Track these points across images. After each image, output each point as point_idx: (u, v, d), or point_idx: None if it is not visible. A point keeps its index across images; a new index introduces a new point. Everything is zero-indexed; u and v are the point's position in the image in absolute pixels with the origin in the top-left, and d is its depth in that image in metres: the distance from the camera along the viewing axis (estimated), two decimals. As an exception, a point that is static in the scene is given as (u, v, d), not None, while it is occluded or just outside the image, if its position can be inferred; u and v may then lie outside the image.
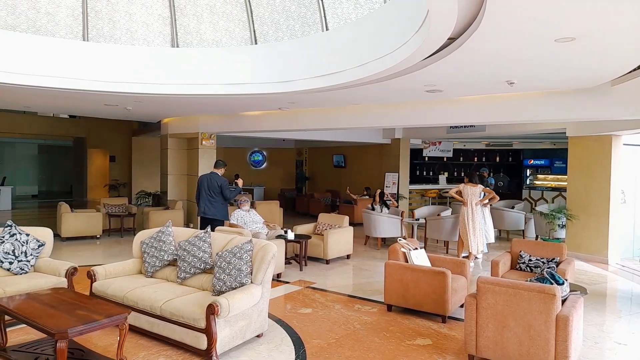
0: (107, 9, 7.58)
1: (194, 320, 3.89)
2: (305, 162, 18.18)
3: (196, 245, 4.79)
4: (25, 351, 3.90)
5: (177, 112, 10.46)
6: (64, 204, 9.62)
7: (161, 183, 12.27)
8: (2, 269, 4.89)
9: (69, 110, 13.65)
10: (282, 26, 7.63)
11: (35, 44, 6.73)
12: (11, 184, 16.29)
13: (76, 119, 17.73)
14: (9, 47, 6.49)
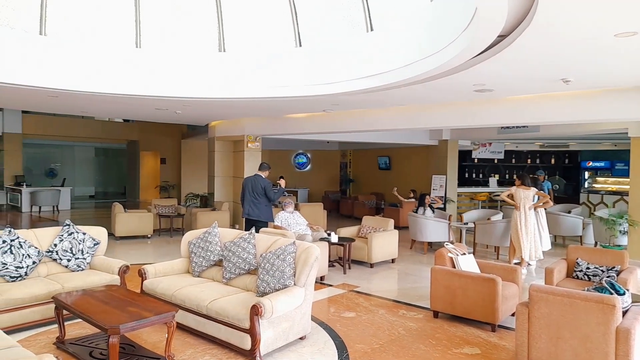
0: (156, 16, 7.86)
1: (239, 320, 3.94)
2: (350, 164, 18.12)
3: (241, 246, 4.85)
4: (81, 345, 4.09)
5: (223, 115, 10.70)
6: (117, 205, 10.06)
7: (208, 185, 12.59)
8: (61, 265, 5.17)
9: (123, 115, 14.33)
10: (326, 27, 7.63)
11: (92, 52, 7.09)
12: (70, 185, 17.25)
13: (130, 122, 18.55)
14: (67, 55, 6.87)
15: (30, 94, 7.75)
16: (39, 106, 11.05)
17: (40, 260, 5.01)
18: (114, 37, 7.60)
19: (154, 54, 7.62)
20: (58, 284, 4.69)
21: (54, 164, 20.37)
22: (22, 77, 6.51)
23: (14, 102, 9.96)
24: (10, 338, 3.23)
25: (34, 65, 6.60)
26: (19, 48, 6.50)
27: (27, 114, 15.71)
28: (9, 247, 4.74)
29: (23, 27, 6.81)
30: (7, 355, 2.86)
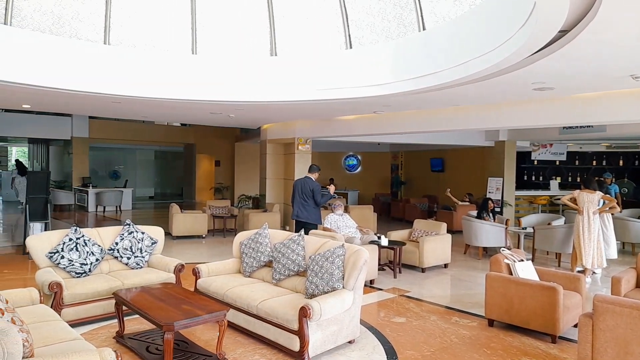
0: (212, 23, 8.12)
1: (287, 321, 3.97)
2: (401, 166, 17.85)
3: (290, 247, 4.89)
4: (138, 339, 4.28)
5: (274, 118, 10.87)
6: (175, 205, 10.46)
7: (260, 186, 12.83)
8: (122, 263, 5.43)
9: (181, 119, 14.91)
10: (377, 28, 7.55)
11: (152, 59, 7.43)
12: (132, 186, 18.17)
13: (187, 127, 19.28)
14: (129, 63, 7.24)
15: (95, 101, 8.24)
16: (104, 112, 11.74)
17: (103, 257, 5.30)
18: (172, 45, 7.92)
19: (209, 59, 7.86)
20: (118, 281, 4.93)
21: (118, 167, 21.55)
22: (89, 84, 6.94)
23: (81, 108, 10.64)
24: (74, 331, 3.43)
25: (99, 73, 7.00)
26: (86, 57, 6.92)
27: (94, 119, 16.72)
28: (75, 245, 5.05)
29: (88, 37, 7.25)
30: (71, 347, 3.03)
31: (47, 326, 3.41)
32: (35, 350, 2.71)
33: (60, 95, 7.65)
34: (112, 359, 2.69)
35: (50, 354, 2.68)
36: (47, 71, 6.57)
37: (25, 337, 2.54)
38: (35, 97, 8.05)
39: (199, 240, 10.22)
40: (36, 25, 6.81)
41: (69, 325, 3.55)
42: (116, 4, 7.43)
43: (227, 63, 7.81)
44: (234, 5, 8.16)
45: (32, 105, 9.97)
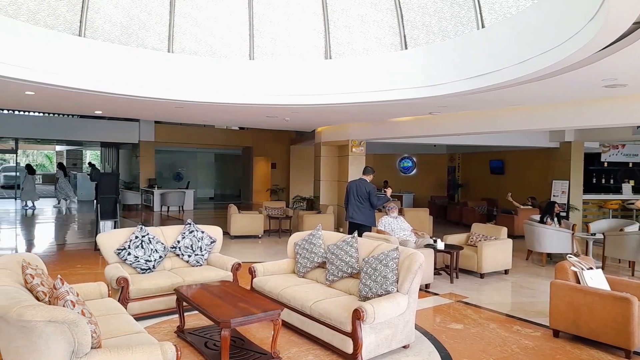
0: (269, 28, 8.30)
1: (340, 323, 3.96)
2: (459, 168, 17.33)
3: (343, 249, 4.88)
4: (197, 335, 4.44)
5: (329, 121, 10.93)
6: (233, 206, 10.78)
7: (314, 188, 12.93)
8: (183, 260, 5.67)
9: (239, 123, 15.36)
10: (433, 28, 7.40)
11: (212, 66, 7.72)
12: (194, 187, 18.93)
13: (244, 130, 19.83)
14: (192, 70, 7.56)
15: (160, 106, 8.68)
16: (168, 116, 12.34)
17: (166, 255, 5.55)
18: (230, 51, 8.18)
19: (265, 64, 8.06)
20: (180, 277, 5.15)
21: (180, 169, 22.53)
22: (154, 91, 7.32)
23: (147, 113, 11.24)
24: (138, 324, 3.62)
25: (163, 80, 7.37)
26: (151, 65, 7.31)
27: (159, 124, 17.61)
28: (140, 242, 5.33)
29: (154, 46, 7.65)
30: (135, 339, 3.20)
31: (113, 319, 3.62)
32: (103, 342, 2.88)
33: (129, 102, 8.14)
34: (172, 353, 2.81)
35: (116, 346, 2.84)
36: (116, 79, 7.01)
37: (93, 328, 2.72)
38: (107, 103, 8.61)
39: (255, 240, 10.46)
40: (107, 36, 7.29)
41: (133, 319, 3.75)
42: (179, 13, 7.79)
43: (283, 67, 7.97)
44: (290, 10, 8.30)
45: (103, 111, 10.69)
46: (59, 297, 2.77)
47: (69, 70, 6.56)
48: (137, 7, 7.55)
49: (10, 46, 5.94)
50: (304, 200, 12.79)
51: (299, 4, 8.27)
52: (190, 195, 17.25)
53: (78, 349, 2.52)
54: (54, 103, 8.98)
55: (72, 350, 2.51)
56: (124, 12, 7.47)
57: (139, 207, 17.29)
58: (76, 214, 15.94)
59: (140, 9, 7.58)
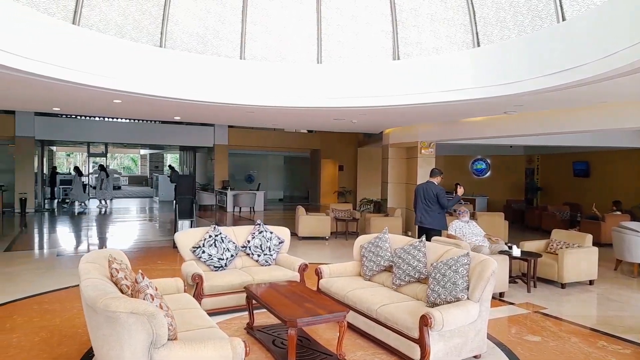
0: (337, 32, 8.36)
1: (407, 328, 3.88)
2: (537, 170, 16.33)
3: (411, 253, 4.78)
4: (266, 332, 4.56)
5: (397, 122, 10.78)
6: (301, 208, 10.97)
7: (382, 191, 12.80)
8: (252, 259, 5.86)
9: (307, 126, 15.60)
10: (508, 24, 7.04)
11: (281, 71, 7.92)
12: (264, 189, 19.51)
13: (312, 133, 20.12)
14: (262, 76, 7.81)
15: (233, 111, 9.06)
16: (240, 121, 12.84)
17: (237, 254, 5.77)
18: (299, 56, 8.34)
19: (333, 67, 8.12)
20: (249, 276, 5.33)
21: (252, 171, 23.33)
22: (227, 96, 7.66)
23: (221, 118, 11.77)
24: (211, 319, 3.79)
25: (235, 86, 7.69)
26: (224, 72, 7.64)
27: (232, 128, 18.37)
28: (214, 241, 5.58)
29: (227, 54, 7.99)
30: (207, 334, 3.35)
31: (188, 313, 3.82)
32: (178, 334, 3.05)
33: (204, 107, 8.58)
34: (241, 348, 2.91)
35: (190, 339, 3.00)
36: (193, 86, 7.42)
37: (170, 321, 2.88)
38: (184, 109, 9.13)
39: (322, 241, 10.56)
40: (184, 46, 7.73)
41: (207, 314, 3.93)
42: (250, 20, 8.07)
43: (350, 70, 7.98)
44: (358, 13, 8.30)
45: (182, 116, 11.34)
46: (140, 291, 2.97)
47: (151, 79, 7.05)
48: (213, 17, 7.94)
49: (100, 59, 6.49)
50: (371, 202, 12.71)
51: (367, 6, 8.25)
52: (260, 197, 17.79)
53: (156, 339, 2.69)
54: (138, 110, 9.68)
55: (150, 340, 2.68)
56: (200, 23, 7.88)
57: (214, 207, 18.12)
58: (157, 214, 17.04)
59: (215, 19, 7.95)
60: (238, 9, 8.04)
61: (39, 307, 5.28)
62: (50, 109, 10.08)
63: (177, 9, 7.66)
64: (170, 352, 2.74)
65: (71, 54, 6.14)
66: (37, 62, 5.67)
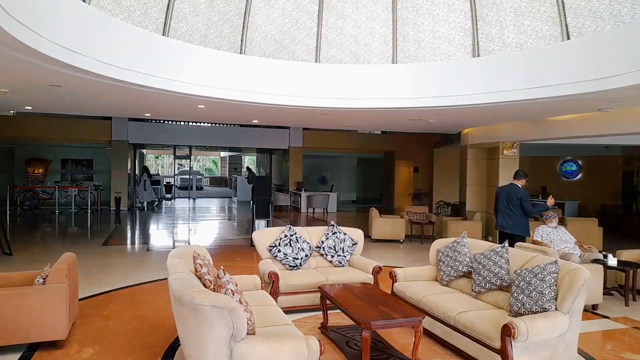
0: (413, 32, 8.20)
1: (488, 338, 3.70)
2: (637, 173, 14.85)
3: (492, 259, 4.55)
4: (339, 333, 4.57)
5: (477, 121, 10.34)
6: (374, 210, 10.88)
7: (460, 193, 12.34)
8: (326, 260, 5.91)
9: (381, 127, 15.47)
10: (603, 14, 6.49)
11: (355, 73, 7.93)
12: (337, 190, 19.64)
13: (387, 134, 19.91)
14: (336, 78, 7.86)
15: (307, 114, 9.22)
16: (314, 123, 13.05)
17: (311, 254, 5.85)
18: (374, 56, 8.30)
19: (409, 67, 7.97)
20: (323, 276, 5.37)
21: (325, 172, 23.59)
22: (302, 99, 7.81)
23: (296, 121, 12.04)
24: (287, 317, 3.87)
25: (310, 89, 7.82)
26: (300, 75, 7.81)
27: (307, 131, 18.71)
28: (289, 241, 5.71)
29: (303, 57, 8.15)
30: (283, 331, 3.43)
31: (265, 310, 3.93)
32: (256, 329, 3.15)
33: (280, 111, 8.82)
34: (316, 347, 2.94)
35: (267, 334, 3.08)
36: (270, 90, 7.66)
37: (249, 316, 2.99)
38: (262, 113, 9.46)
39: (396, 244, 10.39)
40: (262, 52, 8.00)
41: (282, 311, 4.02)
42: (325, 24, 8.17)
43: (427, 69, 7.79)
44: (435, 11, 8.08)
45: (259, 120, 11.75)
46: (221, 286, 3.11)
47: (232, 84, 7.38)
48: (289, 22, 8.14)
49: (187, 67, 6.92)
50: (449, 205, 12.30)
51: (445, 2, 8.01)
52: (333, 198, 17.93)
53: (236, 333, 2.80)
54: (220, 114, 10.18)
55: (231, 334, 2.79)
56: (277, 28, 8.13)
57: (288, 208, 18.55)
58: (236, 213, 17.79)
59: (291, 23, 8.16)
60: (314, 13, 8.18)
61: (131, 298, 5.73)
62: (142, 114, 10.93)
63: (256, 16, 7.96)
64: (249, 346, 2.84)
65: (161, 64, 6.61)
66: (132, 72, 6.17)
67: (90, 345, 4.20)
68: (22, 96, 7.70)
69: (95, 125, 16.03)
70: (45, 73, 5.65)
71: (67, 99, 7.88)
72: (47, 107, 10.07)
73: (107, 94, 7.22)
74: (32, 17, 4.47)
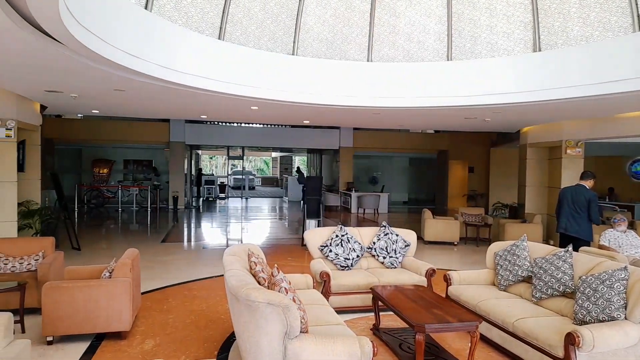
0: (469, 27, 7.96)
1: (550, 346, 3.52)
2: None
3: (554, 264, 4.32)
4: (392, 335, 4.51)
5: (537, 119, 9.87)
6: (427, 211, 10.66)
7: (519, 195, 11.83)
8: (378, 261, 5.85)
9: (434, 126, 15.14)
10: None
11: (409, 71, 7.80)
12: (388, 191, 19.41)
13: (440, 133, 19.45)
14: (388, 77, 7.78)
15: (359, 113, 9.18)
16: (366, 123, 12.96)
17: (362, 254, 5.82)
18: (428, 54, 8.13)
19: (465, 64, 7.74)
20: (375, 277, 5.33)
21: (376, 173, 23.39)
22: (354, 99, 7.79)
23: (347, 121, 12.02)
24: (339, 317, 3.87)
25: (362, 88, 7.78)
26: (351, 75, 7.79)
27: (357, 131, 18.63)
28: (340, 241, 5.70)
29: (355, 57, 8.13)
30: (336, 330, 3.43)
31: (317, 309, 3.95)
32: (309, 328, 3.17)
33: (332, 111, 8.84)
34: (369, 348, 2.92)
35: (320, 333, 3.09)
36: (322, 91, 7.70)
37: (302, 315, 3.01)
38: (313, 113, 9.52)
39: (450, 247, 10.12)
40: (314, 52, 8.05)
41: (334, 311, 4.02)
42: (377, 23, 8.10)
43: (484, 65, 7.54)
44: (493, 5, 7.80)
45: (311, 120, 11.84)
46: (276, 284, 3.16)
47: (284, 85, 7.49)
48: (341, 22, 8.14)
49: (241, 70, 7.09)
50: (506, 207, 11.84)
51: (502, -4, 7.72)
52: (384, 199, 17.75)
53: (290, 331, 2.83)
54: (272, 115, 10.36)
55: (285, 331, 2.83)
56: (329, 29, 8.15)
57: (338, 208, 18.57)
58: (287, 213, 18.04)
59: (343, 23, 8.15)
60: (366, 12, 8.14)
61: (188, 293, 5.95)
62: (198, 116, 11.33)
63: (308, 17, 8.03)
64: (302, 344, 2.87)
65: (217, 67, 6.82)
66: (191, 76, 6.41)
67: (151, 337, 4.40)
68: (89, 101, 8.21)
69: (155, 128, 16.80)
70: (110, 78, 5.98)
71: (129, 102, 8.31)
72: (111, 111, 10.68)
73: (167, 96, 7.54)
74: (99, 25, 4.74)
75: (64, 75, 5.84)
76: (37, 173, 8.78)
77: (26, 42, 4.25)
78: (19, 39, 4.17)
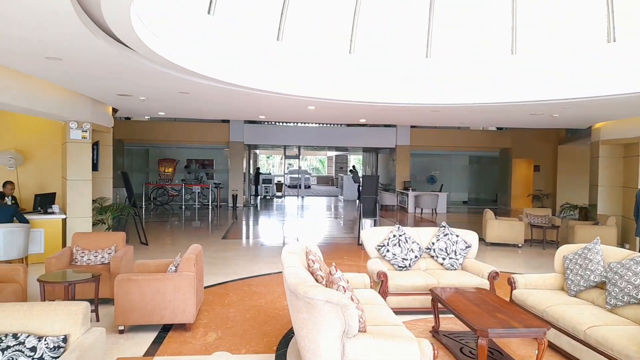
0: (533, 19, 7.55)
1: (626, 357, 3.27)
2: None
3: (631, 269, 4.01)
4: (452, 338, 4.38)
5: (611, 115, 9.19)
6: (489, 211, 10.25)
7: (590, 195, 11.10)
8: (437, 262, 5.70)
9: (497, 123, 14.56)
10: None
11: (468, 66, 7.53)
12: (447, 190, 18.88)
13: (502, 130, 18.66)
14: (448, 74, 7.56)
15: (417, 111, 9.00)
16: (424, 121, 12.68)
17: (421, 255, 5.69)
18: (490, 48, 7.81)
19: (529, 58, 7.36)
20: (434, 279, 5.20)
21: (434, 172, 22.84)
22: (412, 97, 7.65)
23: (405, 118, 11.82)
24: (397, 317, 3.81)
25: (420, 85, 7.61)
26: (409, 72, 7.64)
27: (414, 128, 18.29)
28: (397, 241, 5.62)
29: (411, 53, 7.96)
30: (394, 331, 3.37)
31: (375, 309, 3.91)
32: (367, 327, 3.15)
33: (389, 109, 8.73)
34: (429, 350, 2.85)
35: (378, 333, 3.06)
36: (379, 89, 7.62)
37: (360, 314, 3.00)
38: (370, 112, 9.45)
39: (514, 249, 9.68)
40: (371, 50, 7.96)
41: (392, 312, 3.97)
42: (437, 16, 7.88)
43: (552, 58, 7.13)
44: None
45: (367, 119, 11.78)
46: (333, 282, 3.17)
47: (341, 85, 7.49)
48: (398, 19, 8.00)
49: (299, 70, 7.17)
50: (576, 208, 11.15)
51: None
52: (443, 198, 17.30)
53: (348, 329, 2.83)
54: (328, 114, 10.40)
55: (343, 330, 2.83)
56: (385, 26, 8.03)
57: (395, 207, 18.32)
58: (342, 212, 18.05)
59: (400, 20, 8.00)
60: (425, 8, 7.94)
61: (248, 289, 6.10)
62: (257, 117, 11.60)
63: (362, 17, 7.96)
64: (361, 343, 2.85)
65: (276, 68, 6.94)
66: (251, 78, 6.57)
67: (213, 330, 4.57)
68: (157, 103, 8.65)
69: (215, 128, 17.39)
70: (176, 81, 6.26)
71: (193, 104, 8.67)
72: (176, 113, 11.19)
73: (228, 98, 7.78)
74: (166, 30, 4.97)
75: (134, 79, 6.19)
76: (110, 172, 9.37)
77: (100, 48, 4.54)
78: (94, 47, 4.46)
